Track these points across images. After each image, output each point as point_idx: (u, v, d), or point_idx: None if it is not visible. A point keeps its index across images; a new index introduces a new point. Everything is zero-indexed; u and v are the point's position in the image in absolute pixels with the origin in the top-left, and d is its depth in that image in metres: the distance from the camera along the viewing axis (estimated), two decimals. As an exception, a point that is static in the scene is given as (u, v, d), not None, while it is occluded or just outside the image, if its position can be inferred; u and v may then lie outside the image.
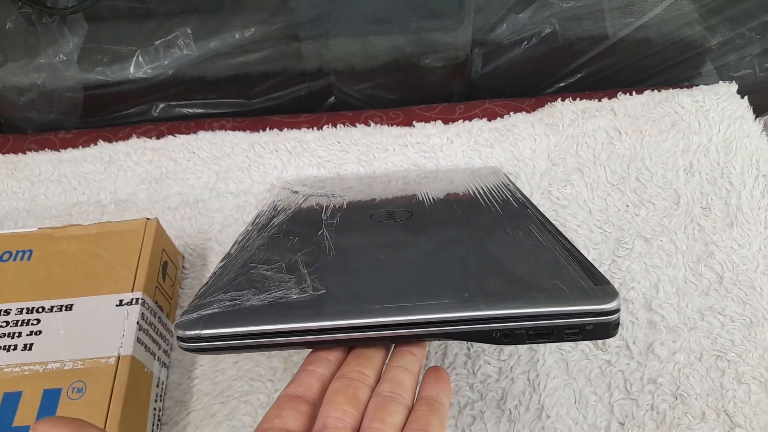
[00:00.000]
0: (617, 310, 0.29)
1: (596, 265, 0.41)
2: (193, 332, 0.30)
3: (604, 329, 0.29)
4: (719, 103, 0.59)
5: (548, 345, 0.46)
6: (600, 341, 0.46)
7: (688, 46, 0.64)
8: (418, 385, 0.32)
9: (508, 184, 0.49)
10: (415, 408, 0.30)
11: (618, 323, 0.30)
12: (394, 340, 0.32)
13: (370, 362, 0.32)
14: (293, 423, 0.29)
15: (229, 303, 0.31)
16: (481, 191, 0.46)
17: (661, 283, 0.49)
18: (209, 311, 0.31)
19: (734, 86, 0.60)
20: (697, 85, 0.61)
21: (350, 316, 0.30)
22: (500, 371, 0.46)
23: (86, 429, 0.26)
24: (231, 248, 0.41)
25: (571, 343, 0.46)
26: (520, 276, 0.32)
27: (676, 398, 0.44)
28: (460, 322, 0.29)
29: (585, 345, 0.46)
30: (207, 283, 0.35)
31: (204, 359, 0.47)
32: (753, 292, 0.48)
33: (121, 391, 0.38)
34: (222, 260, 0.39)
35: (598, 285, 0.30)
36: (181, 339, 0.31)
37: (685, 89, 0.61)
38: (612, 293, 0.29)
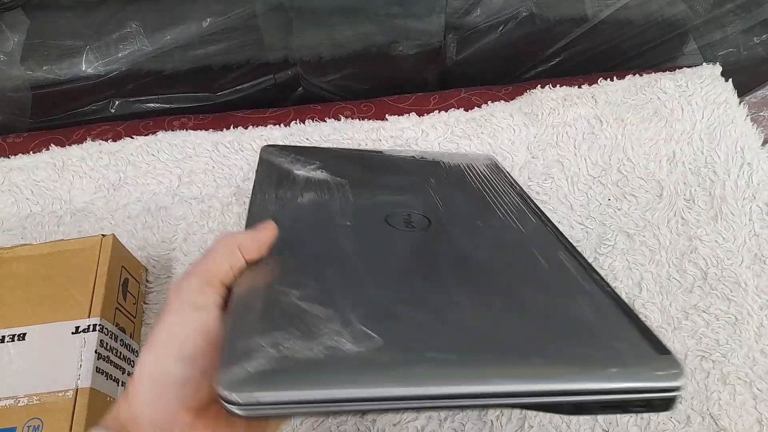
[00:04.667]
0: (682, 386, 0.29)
1: None
2: (247, 395, 0.25)
3: (668, 404, 0.29)
4: (702, 87, 0.57)
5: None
6: None
7: (672, 26, 0.61)
8: None
9: (514, 184, 0.46)
10: None
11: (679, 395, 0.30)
12: (467, 408, 0.31)
13: None
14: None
15: (276, 354, 0.27)
16: (490, 194, 0.43)
17: (644, 281, 0.48)
18: (256, 365, 0.26)
19: (718, 68, 0.58)
20: (680, 68, 0.59)
21: (428, 383, 0.28)
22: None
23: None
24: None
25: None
26: (583, 336, 0.31)
27: (661, 402, 0.43)
28: (539, 394, 0.28)
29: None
30: (234, 312, 0.29)
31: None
32: (738, 288, 0.47)
33: (80, 426, 0.36)
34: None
35: (662, 355, 0.29)
36: (231, 403, 0.25)
37: (667, 73, 0.58)
38: (677, 369, 0.29)
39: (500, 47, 0.59)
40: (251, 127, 0.56)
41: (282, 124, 0.57)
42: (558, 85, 0.58)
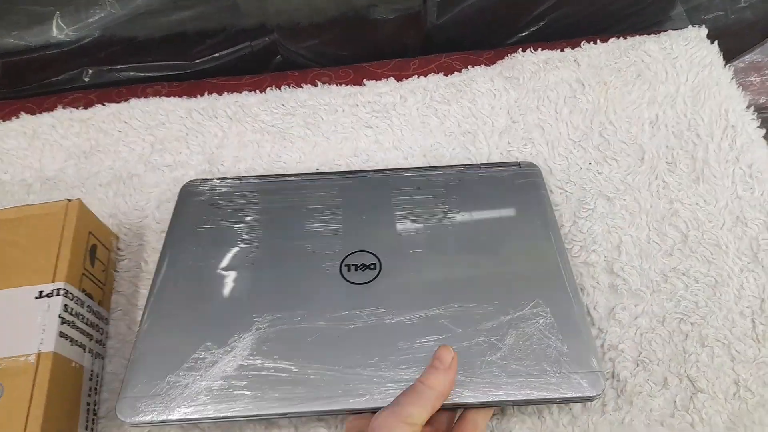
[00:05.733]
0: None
1: (558, 226, 0.45)
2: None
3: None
4: (688, 49, 0.55)
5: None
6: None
7: (657, -12, 0.60)
8: None
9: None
10: None
11: None
12: None
13: None
14: None
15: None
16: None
17: (624, 245, 0.47)
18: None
19: (704, 30, 0.57)
20: (665, 31, 0.58)
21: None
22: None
23: None
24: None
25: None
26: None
27: (638, 365, 0.42)
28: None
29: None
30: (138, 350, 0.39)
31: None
32: (718, 251, 0.46)
33: (42, 391, 0.35)
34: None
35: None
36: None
37: (652, 36, 0.57)
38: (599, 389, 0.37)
39: (482, 10, 0.58)
40: (226, 93, 0.55)
41: (258, 90, 0.56)
42: (540, 49, 0.56)
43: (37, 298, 0.38)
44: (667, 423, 0.40)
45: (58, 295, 0.38)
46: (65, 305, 0.39)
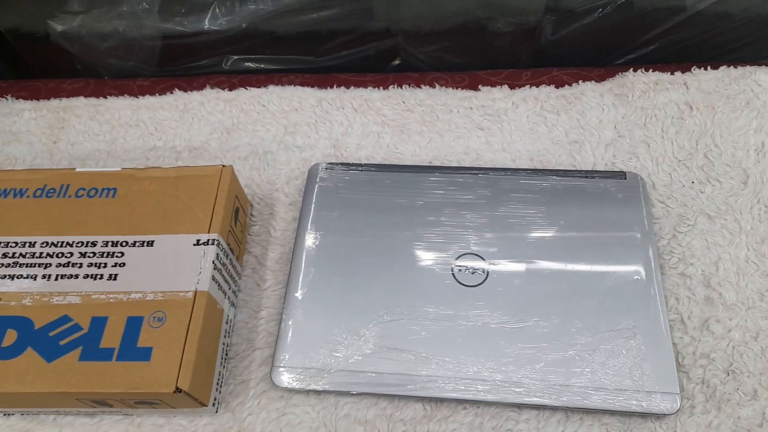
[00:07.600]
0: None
1: (656, 239, 0.49)
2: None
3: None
4: (800, 82, 0.57)
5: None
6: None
7: (772, 22, 0.61)
8: None
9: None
10: None
11: None
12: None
13: None
14: None
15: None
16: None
17: (722, 262, 0.49)
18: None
19: (818, 65, 0.58)
20: (777, 63, 0.59)
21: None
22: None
23: None
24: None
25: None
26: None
27: (728, 374, 0.44)
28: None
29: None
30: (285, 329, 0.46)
31: (270, 301, 0.50)
32: (818, 277, 0.47)
33: (197, 323, 0.41)
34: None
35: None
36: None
37: (763, 66, 0.59)
38: (674, 407, 0.42)
39: (595, 31, 0.61)
40: (353, 87, 0.61)
41: (381, 87, 0.61)
42: (650, 70, 0.59)
43: (195, 245, 0.45)
44: (755, 432, 0.42)
45: (212, 244, 0.44)
46: (217, 254, 0.45)
